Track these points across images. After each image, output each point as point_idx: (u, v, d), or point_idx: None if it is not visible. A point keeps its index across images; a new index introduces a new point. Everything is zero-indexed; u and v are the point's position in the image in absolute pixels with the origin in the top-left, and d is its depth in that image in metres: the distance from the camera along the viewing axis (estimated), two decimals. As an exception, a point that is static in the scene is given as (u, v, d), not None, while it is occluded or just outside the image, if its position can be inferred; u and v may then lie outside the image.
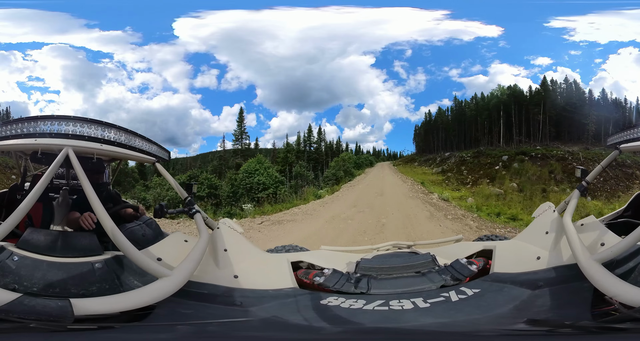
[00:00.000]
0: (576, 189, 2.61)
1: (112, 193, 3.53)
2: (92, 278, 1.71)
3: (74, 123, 2.31)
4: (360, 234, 10.29)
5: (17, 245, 1.78)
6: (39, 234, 1.92)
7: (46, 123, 2.25)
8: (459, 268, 1.98)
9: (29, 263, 1.69)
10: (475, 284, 1.87)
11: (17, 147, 2.34)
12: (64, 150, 2.11)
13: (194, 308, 1.75)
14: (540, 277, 1.82)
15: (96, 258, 1.82)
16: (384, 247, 2.97)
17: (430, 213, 13.51)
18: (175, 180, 2.87)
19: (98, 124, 2.42)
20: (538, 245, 2.20)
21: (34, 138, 2.23)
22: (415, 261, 2.15)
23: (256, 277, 2.12)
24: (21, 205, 1.82)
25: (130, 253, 1.73)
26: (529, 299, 1.69)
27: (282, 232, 11.20)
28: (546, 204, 2.75)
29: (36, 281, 1.62)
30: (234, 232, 2.73)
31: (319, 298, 1.82)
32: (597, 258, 1.60)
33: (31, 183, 3.53)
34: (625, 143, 2.47)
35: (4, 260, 1.67)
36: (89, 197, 1.92)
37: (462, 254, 2.26)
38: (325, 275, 2.02)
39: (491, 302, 1.70)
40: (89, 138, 2.36)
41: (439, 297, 1.75)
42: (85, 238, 1.98)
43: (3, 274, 1.61)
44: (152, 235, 2.49)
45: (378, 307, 1.70)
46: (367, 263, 2.21)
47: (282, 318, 1.70)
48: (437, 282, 1.90)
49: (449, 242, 3.45)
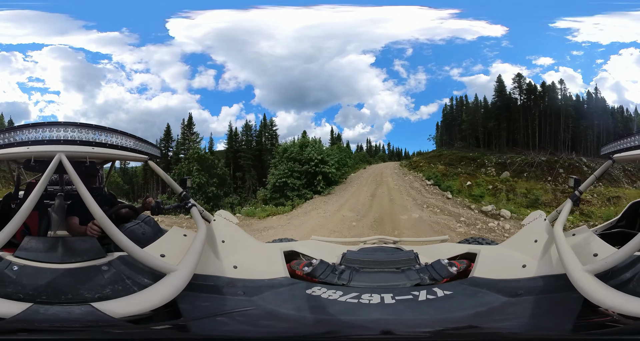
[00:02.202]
0: (569, 199, 2.55)
1: (107, 195, 3.56)
2: (102, 281, 1.72)
3: (65, 129, 2.33)
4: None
5: (16, 254, 1.78)
6: (37, 242, 1.93)
7: (37, 130, 2.26)
8: (438, 269, 1.98)
9: (31, 272, 1.68)
10: (450, 286, 1.87)
11: (10, 156, 2.34)
12: (56, 156, 2.12)
13: (209, 301, 1.79)
14: (522, 286, 1.79)
15: (101, 261, 1.82)
16: (371, 241, 3.02)
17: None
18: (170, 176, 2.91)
19: (88, 128, 2.44)
20: (525, 253, 2.18)
21: (27, 146, 2.24)
22: (398, 258, 2.20)
23: (253, 267, 2.19)
24: (17, 214, 1.81)
25: (134, 252, 1.75)
26: (501, 306, 1.65)
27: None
28: (537, 212, 2.75)
29: (42, 290, 1.61)
30: (229, 223, 2.80)
31: (307, 287, 1.90)
32: (589, 269, 1.55)
33: (25, 191, 3.52)
34: (619, 152, 2.42)
35: (3, 270, 1.65)
36: (86, 201, 1.92)
37: (446, 255, 2.25)
38: (314, 265, 2.08)
39: (455, 306, 1.69)
40: (81, 142, 2.37)
41: (408, 295, 1.77)
42: (85, 242, 1.99)
43: (3, 284, 1.59)
44: (151, 233, 2.54)
45: (350, 299, 1.76)
46: (352, 255, 2.30)
47: (279, 308, 1.76)
48: (413, 280, 1.93)
49: (434, 241, 3.47)
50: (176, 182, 3.06)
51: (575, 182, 2.64)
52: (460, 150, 27.28)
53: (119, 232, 1.82)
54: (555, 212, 2.65)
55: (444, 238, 3.74)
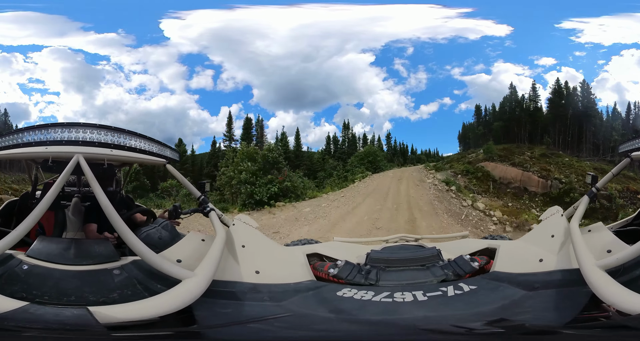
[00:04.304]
0: (585, 195, 2.62)
1: (125, 198, 3.54)
2: (111, 285, 1.68)
3: (84, 130, 2.31)
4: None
5: (27, 253, 1.76)
6: (50, 242, 1.90)
7: (56, 130, 2.25)
8: (462, 264, 2.02)
9: (40, 272, 1.66)
10: (473, 281, 1.90)
11: (28, 155, 2.34)
12: (74, 158, 2.10)
13: (231, 307, 1.73)
14: (538, 279, 1.82)
15: (113, 265, 1.79)
16: (393, 239, 3.05)
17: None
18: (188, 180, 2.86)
19: (107, 129, 2.42)
20: (542, 248, 2.20)
21: (45, 146, 2.22)
22: (422, 255, 2.21)
23: (276, 271, 2.14)
24: (32, 213, 1.80)
25: (148, 257, 1.71)
26: (520, 300, 1.70)
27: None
28: (554, 208, 2.78)
29: (47, 290, 1.58)
30: (249, 228, 2.73)
31: (336, 289, 1.89)
32: (601, 265, 1.58)
33: (42, 191, 3.53)
34: (637, 151, 2.46)
35: (13, 268, 1.64)
36: (102, 204, 1.90)
37: (466, 250, 2.28)
38: (339, 266, 2.08)
39: (481, 299, 1.73)
40: (99, 144, 2.35)
41: (438, 291, 1.80)
42: (100, 245, 1.96)
43: (11, 282, 1.58)
44: (168, 237, 2.48)
45: (384, 299, 1.77)
46: (377, 255, 2.27)
47: (314, 312, 1.74)
48: (439, 276, 1.96)
49: (454, 237, 3.51)
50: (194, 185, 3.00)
51: (593, 179, 2.69)
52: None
53: (133, 235, 1.78)
54: (572, 208, 2.70)
55: (464, 234, 3.74)
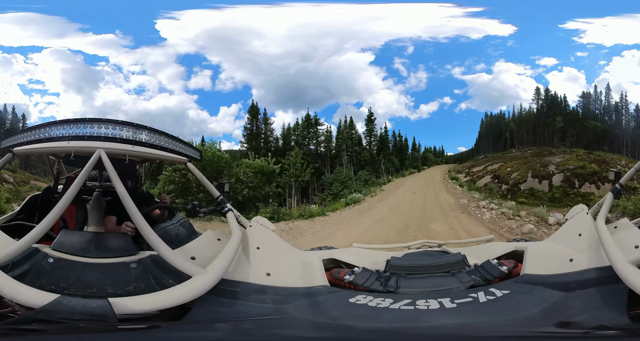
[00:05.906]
0: (610, 192, 2.59)
1: (145, 194, 3.59)
2: (128, 277, 1.73)
3: (106, 126, 2.35)
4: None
5: (52, 247, 1.81)
6: (73, 236, 1.96)
7: (79, 126, 2.29)
8: (489, 269, 1.96)
9: (64, 265, 1.71)
10: (504, 285, 1.84)
11: (51, 150, 2.39)
12: (96, 153, 2.14)
13: (229, 306, 1.75)
14: (573, 279, 1.78)
15: (131, 258, 1.83)
16: (415, 246, 2.95)
17: None
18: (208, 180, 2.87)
19: (130, 126, 2.46)
20: (571, 247, 2.17)
21: (67, 141, 2.27)
22: (446, 261, 2.14)
23: (288, 275, 2.12)
24: (55, 207, 1.84)
25: (163, 252, 1.74)
26: (561, 301, 1.65)
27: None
28: (579, 206, 2.71)
29: (72, 282, 1.64)
30: (266, 230, 2.72)
31: (349, 296, 1.83)
32: (631, 260, 1.57)
33: (64, 185, 3.63)
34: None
35: (40, 261, 1.69)
36: (123, 199, 1.93)
37: (493, 255, 2.22)
38: (356, 273, 2.02)
39: (520, 304, 1.68)
40: (121, 140, 2.39)
41: (467, 298, 1.73)
42: (119, 238, 2.01)
43: (39, 276, 1.63)
44: (185, 235, 2.50)
45: (404, 306, 1.69)
46: (398, 261, 2.21)
47: (312, 316, 1.71)
48: (466, 282, 1.89)
49: (479, 242, 3.36)
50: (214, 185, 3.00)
51: (616, 175, 2.67)
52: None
53: (152, 230, 1.81)
54: (597, 205, 2.67)
55: (489, 238, 3.56)
